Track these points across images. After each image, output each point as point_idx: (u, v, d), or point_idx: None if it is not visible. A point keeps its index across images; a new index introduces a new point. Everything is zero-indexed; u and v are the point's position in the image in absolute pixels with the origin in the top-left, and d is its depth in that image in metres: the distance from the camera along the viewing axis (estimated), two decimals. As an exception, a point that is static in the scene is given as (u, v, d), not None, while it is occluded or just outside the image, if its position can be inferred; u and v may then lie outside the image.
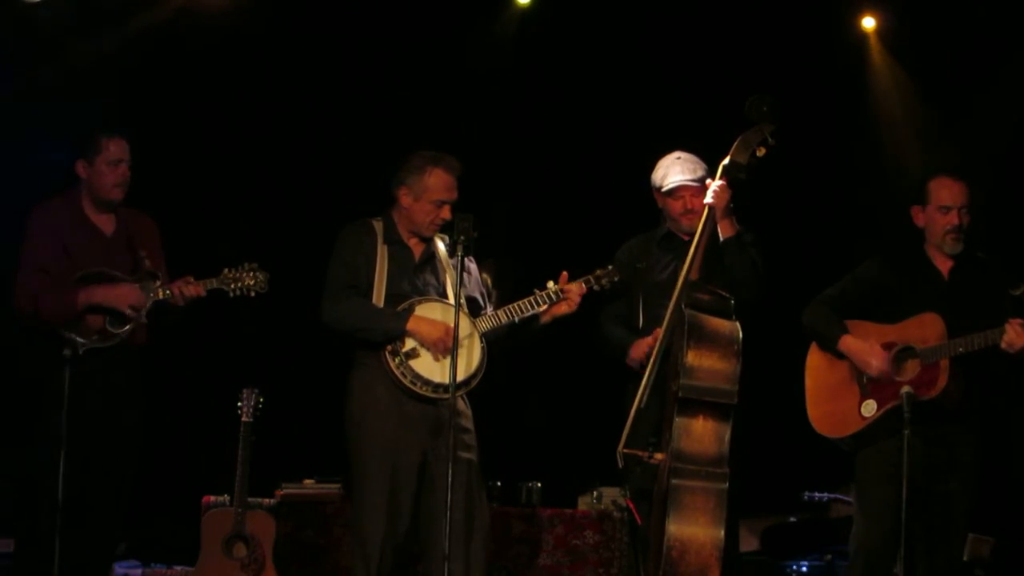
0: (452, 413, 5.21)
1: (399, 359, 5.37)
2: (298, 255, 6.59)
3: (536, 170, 7.86)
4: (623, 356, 5.69)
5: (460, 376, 5.30)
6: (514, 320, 5.51)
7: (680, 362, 5.20)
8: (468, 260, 5.53)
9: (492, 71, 7.73)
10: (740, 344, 5.24)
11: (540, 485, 6.87)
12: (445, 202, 5.49)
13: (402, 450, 5.39)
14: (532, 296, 5.52)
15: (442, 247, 5.63)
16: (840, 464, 5.70)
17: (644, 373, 5.45)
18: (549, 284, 5.54)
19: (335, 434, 5.55)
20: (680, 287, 5.38)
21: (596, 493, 6.82)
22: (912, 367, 5.36)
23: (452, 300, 5.43)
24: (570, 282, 5.54)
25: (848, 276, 5.63)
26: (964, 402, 5.34)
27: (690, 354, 5.19)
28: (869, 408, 5.40)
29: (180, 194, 7.14)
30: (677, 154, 5.74)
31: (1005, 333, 5.16)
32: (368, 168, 6.54)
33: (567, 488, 6.98)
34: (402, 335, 5.37)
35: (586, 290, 5.55)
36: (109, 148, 5.64)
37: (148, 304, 5.53)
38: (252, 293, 5.63)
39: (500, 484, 6.81)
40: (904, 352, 5.39)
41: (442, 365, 5.36)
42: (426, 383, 5.37)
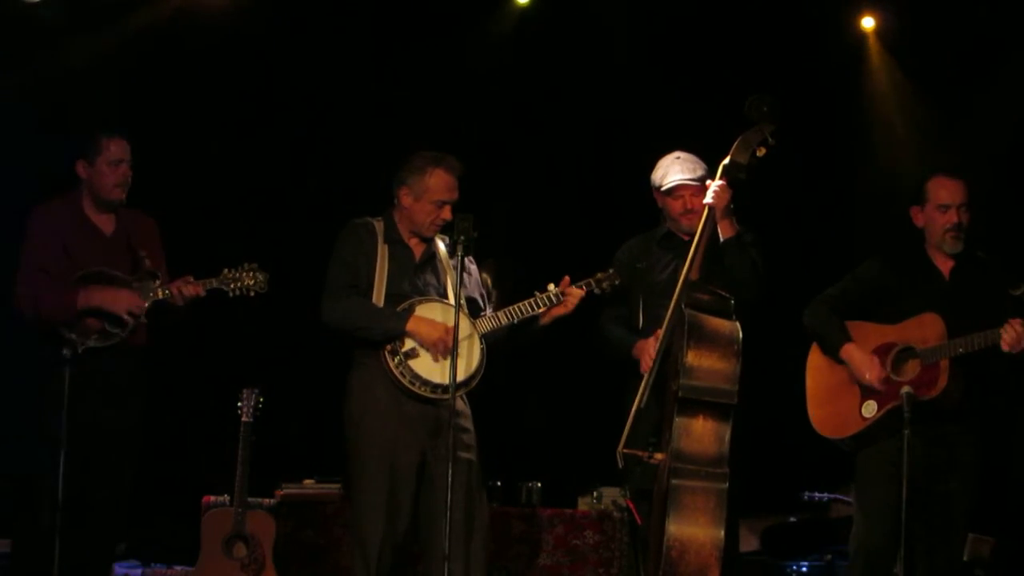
0: (452, 413, 5.21)
1: (398, 359, 5.37)
2: (298, 255, 6.59)
3: (536, 170, 7.86)
4: (623, 356, 5.68)
5: (459, 377, 5.29)
6: (513, 322, 5.51)
7: (680, 362, 5.20)
8: (468, 260, 5.53)
9: (492, 71, 7.73)
10: (740, 344, 5.24)
11: (540, 485, 6.87)
12: (446, 202, 5.48)
13: (401, 450, 5.38)
14: (532, 298, 5.52)
15: (443, 247, 5.62)
16: (840, 464, 5.70)
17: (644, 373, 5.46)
18: (549, 287, 5.53)
19: (335, 434, 5.55)
20: (680, 287, 5.38)
21: (596, 493, 6.81)
22: (912, 367, 5.36)
23: (452, 300, 5.43)
24: (570, 286, 5.54)
25: (848, 276, 5.62)
26: (964, 402, 5.33)
27: (690, 354, 5.19)
28: (869, 408, 5.40)
29: (180, 194, 7.13)
30: (677, 154, 5.73)
31: (1005, 333, 5.16)
32: (368, 168, 6.55)
33: (567, 488, 6.98)
34: (402, 335, 5.37)
35: (585, 293, 5.55)
36: (110, 148, 5.63)
37: (147, 304, 5.53)
38: (252, 293, 5.63)
39: (500, 484, 6.81)
40: (904, 352, 5.39)
41: (441, 366, 5.36)
42: (425, 383, 5.37)
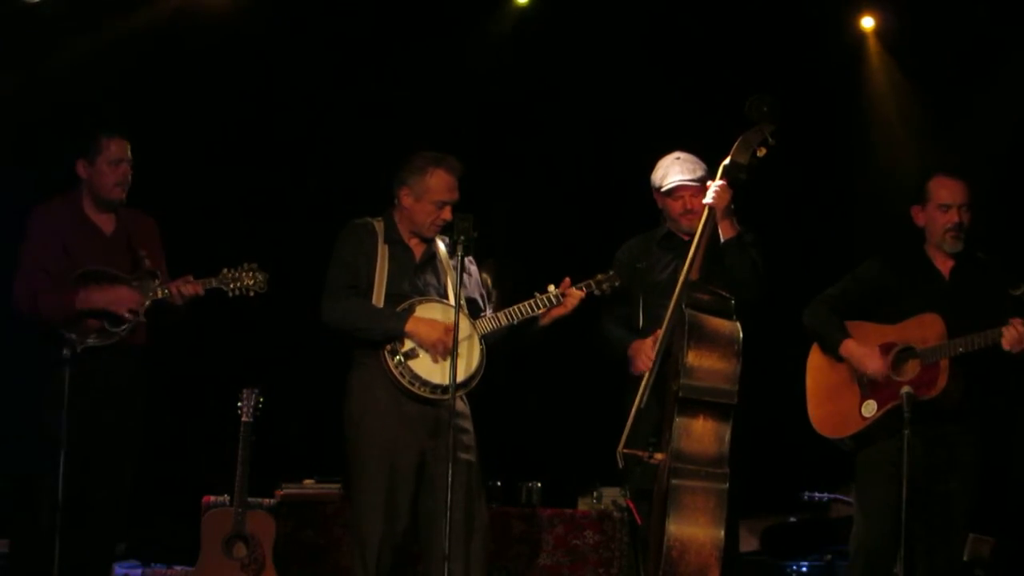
0: (452, 413, 5.21)
1: (398, 359, 5.36)
2: (298, 255, 6.59)
3: (536, 170, 7.86)
4: (623, 356, 5.68)
5: (459, 377, 5.29)
6: (513, 322, 5.50)
7: (680, 362, 5.20)
8: (468, 261, 5.53)
9: (491, 71, 7.72)
10: (740, 344, 5.25)
11: (540, 485, 6.87)
12: (446, 203, 5.48)
13: (401, 450, 5.38)
14: (532, 299, 5.52)
15: (443, 248, 5.62)
16: (840, 464, 5.71)
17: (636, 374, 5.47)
18: (550, 287, 5.52)
19: (335, 434, 5.55)
20: (680, 287, 5.38)
21: (596, 493, 6.81)
22: (912, 367, 5.36)
23: (452, 301, 5.42)
24: (571, 287, 5.54)
25: (848, 276, 5.63)
26: (964, 402, 5.34)
27: (690, 354, 5.19)
28: (869, 408, 5.40)
29: (180, 194, 7.12)
30: (677, 154, 5.73)
31: (1007, 332, 5.16)
32: (368, 168, 6.54)
33: (567, 488, 6.98)
34: (402, 335, 5.37)
35: (585, 294, 5.55)
36: (110, 148, 5.64)
37: (147, 304, 5.53)
38: (251, 293, 5.63)
39: (500, 484, 6.81)
40: (904, 352, 5.39)
41: (441, 366, 5.35)
42: (424, 384, 5.36)
